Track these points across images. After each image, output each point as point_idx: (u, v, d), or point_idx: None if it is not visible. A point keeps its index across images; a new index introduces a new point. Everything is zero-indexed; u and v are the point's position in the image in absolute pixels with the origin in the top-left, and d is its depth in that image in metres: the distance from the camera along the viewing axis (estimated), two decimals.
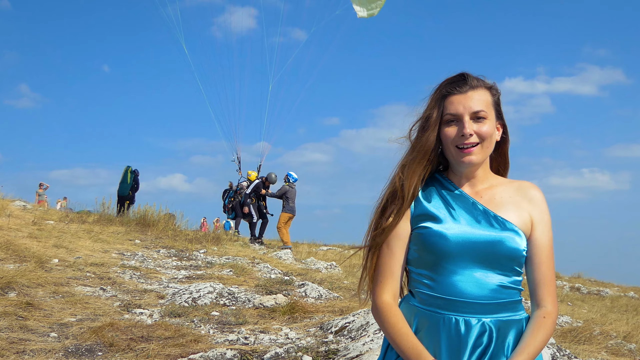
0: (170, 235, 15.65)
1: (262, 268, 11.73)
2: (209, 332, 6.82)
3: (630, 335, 8.60)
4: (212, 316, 7.48)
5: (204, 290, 8.39)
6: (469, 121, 2.32)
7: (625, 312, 15.31)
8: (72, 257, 10.54)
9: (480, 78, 2.41)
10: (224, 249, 14.94)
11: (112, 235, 13.98)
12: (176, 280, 9.97)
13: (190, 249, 13.73)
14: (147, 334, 6.41)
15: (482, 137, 2.32)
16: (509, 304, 2.30)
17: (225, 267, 11.32)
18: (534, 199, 2.42)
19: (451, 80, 2.39)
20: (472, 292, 2.25)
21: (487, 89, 2.40)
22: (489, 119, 2.34)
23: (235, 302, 8.32)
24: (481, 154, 2.35)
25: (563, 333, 8.22)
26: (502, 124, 2.47)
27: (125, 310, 7.52)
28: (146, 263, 11.17)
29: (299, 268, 13.22)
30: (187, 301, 8.04)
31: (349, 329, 6.73)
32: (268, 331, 6.95)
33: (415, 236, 2.35)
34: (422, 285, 2.34)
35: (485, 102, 2.36)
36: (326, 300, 8.98)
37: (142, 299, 8.25)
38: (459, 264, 2.26)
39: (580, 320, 9.56)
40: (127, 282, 9.22)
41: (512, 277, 2.30)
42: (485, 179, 2.44)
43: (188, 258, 12.51)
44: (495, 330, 2.25)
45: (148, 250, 12.82)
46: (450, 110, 2.34)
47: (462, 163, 2.35)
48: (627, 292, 23.54)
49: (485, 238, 2.27)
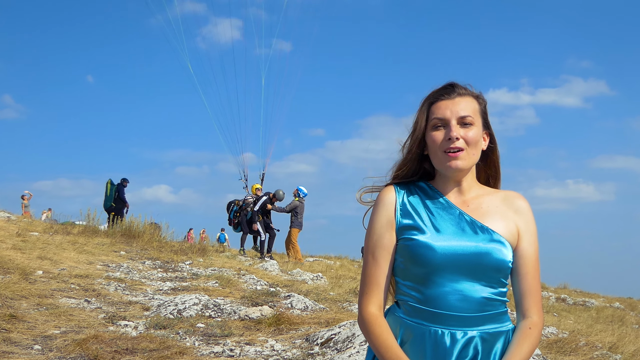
0: (156, 247, 15.58)
1: (248, 279, 11.69)
2: (194, 344, 6.78)
3: (616, 346, 8.60)
4: (197, 328, 7.44)
5: (189, 302, 8.34)
6: (455, 125, 2.32)
7: (610, 323, 15.35)
8: (57, 268, 10.47)
9: (467, 86, 2.42)
10: (209, 260, 14.89)
11: (97, 247, 13.92)
12: (161, 291, 9.92)
13: (176, 261, 13.68)
14: (131, 346, 6.37)
15: (468, 142, 2.32)
16: (495, 315, 2.29)
17: (210, 278, 11.27)
18: (520, 209, 2.42)
19: (439, 89, 2.41)
20: (457, 305, 2.24)
21: (474, 98, 2.41)
22: (475, 125, 2.35)
23: (221, 314, 8.28)
24: (467, 160, 2.34)
25: (549, 344, 8.22)
26: (489, 133, 2.47)
27: (109, 322, 7.47)
28: (131, 275, 11.11)
29: (285, 279, 13.19)
30: (172, 313, 8.00)
31: (335, 340, 6.71)
32: (254, 343, 6.92)
33: (401, 247, 2.34)
34: (408, 296, 2.33)
35: (472, 108, 2.37)
36: (312, 312, 8.96)
37: (127, 311, 8.20)
38: (445, 276, 2.25)
39: (566, 331, 9.57)
40: (111, 294, 9.16)
41: (498, 289, 2.30)
42: (471, 188, 2.44)
43: (173, 269, 12.46)
44: (481, 343, 2.25)
45: (133, 262, 12.76)
46: (437, 114, 2.35)
47: (449, 168, 2.33)
48: (613, 302, 23.64)
49: (472, 249, 2.26)
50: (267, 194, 21.36)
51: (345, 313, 8.94)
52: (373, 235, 2.41)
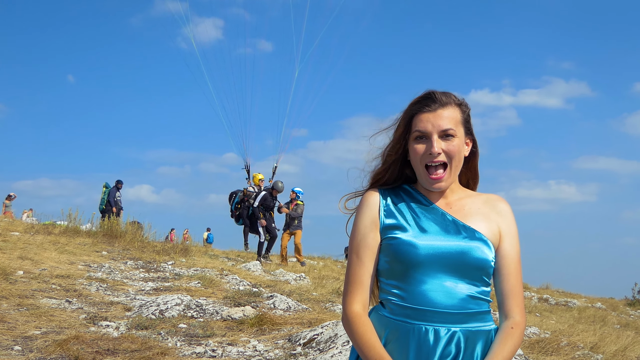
0: (138, 247, 15.51)
1: (231, 280, 11.66)
2: (176, 344, 6.75)
3: (597, 346, 8.65)
4: (179, 328, 7.41)
5: (171, 302, 8.31)
6: (437, 139, 2.34)
7: (592, 323, 15.44)
8: (38, 268, 10.40)
9: (449, 94, 2.42)
10: (192, 260, 14.84)
11: (78, 247, 13.84)
12: (143, 292, 9.87)
13: (158, 261, 13.62)
14: (113, 347, 6.34)
15: (450, 155, 2.35)
16: (478, 314, 2.32)
17: (193, 278, 11.23)
18: (502, 211, 2.45)
19: (419, 99, 2.42)
20: (441, 302, 2.27)
21: (457, 106, 2.42)
22: (457, 136, 2.37)
23: (203, 314, 8.25)
24: (450, 179, 2.40)
25: (531, 344, 8.26)
26: (472, 138, 2.50)
27: (91, 322, 7.42)
28: (113, 275, 11.05)
29: (267, 280, 13.16)
30: (154, 313, 7.96)
31: (318, 340, 6.71)
32: (236, 343, 6.90)
33: (385, 247, 2.37)
34: (392, 295, 2.35)
35: (454, 119, 2.38)
36: (295, 312, 8.95)
37: (108, 312, 8.15)
38: (429, 274, 2.28)
39: (548, 331, 9.62)
40: (93, 294, 9.11)
41: (481, 288, 2.34)
42: (454, 191, 2.49)
43: (156, 270, 12.41)
44: (464, 340, 2.27)
45: (115, 262, 12.69)
46: (419, 127, 2.37)
47: (432, 188, 2.40)
48: (595, 302, 23.79)
49: (455, 248, 2.29)
50: (266, 188, 20.12)
51: (328, 313, 8.94)
52: (357, 235, 2.43)
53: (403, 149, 2.46)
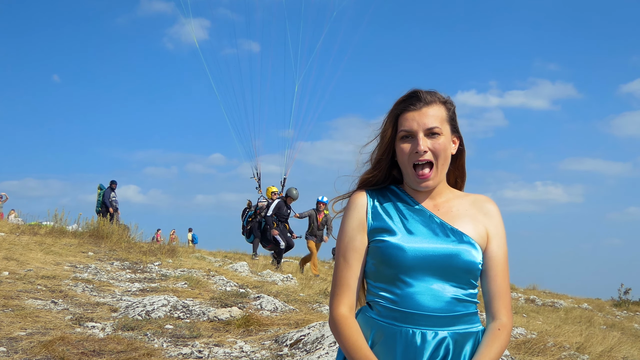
0: (124, 248, 15.45)
1: (218, 280, 11.63)
2: (162, 345, 6.73)
3: (584, 346, 8.68)
4: (165, 329, 7.39)
5: (157, 303, 8.28)
6: (423, 137, 2.34)
7: (579, 324, 15.51)
8: (23, 269, 10.35)
9: (433, 92, 2.43)
10: (179, 261, 14.80)
11: (64, 248, 13.77)
12: (130, 293, 9.83)
13: (145, 261, 13.57)
14: (99, 348, 6.31)
15: (436, 153, 2.35)
16: (465, 316, 2.32)
17: (180, 279, 11.20)
18: (490, 212, 2.46)
19: (404, 99, 2.42)
20: (428, 305, 2.27)
21: (442, 104, 2.42)
22: (443, 134, 2.37)
23: (190, 315, 8.23)
24: (437, 177, 2.40)
25: (517, 345, 8.27)
26: (458, 136, 2.50)
27: (76, 323, 7.38)
28: (99, 275, 11.00)
29: (254, 280, 13.14)
30: (140, 314, 7.93)
31: (304, 341, 6.70)
32: (222, 344, 6.89)
33: (372, 249, 2.37)
34: (379, 297, 2.35)
35: (440, 117, 2.38)
36: (282, 313, 8.93)
37: (94, 312, 8.12)
38: (416, 277, 2.28)
39: (534, 332, 9.64)
40: (79, 295, 9.07)
41: (468, 290, 2.34)
42: (442, 192, 2.49)
43: (142, 270, 12.36)
44: (452, 343, 2.27)
45: (101, 263, 12.64)
46: (405, 126, 2.37)
47: (419, 187, 2.40)
48: (581, 303, 23.90)
49: (442, 251, 2.29)
50: (280, 197, 19.23)
51: (315, 314, 8.93)
52: (344, 238, 2.43)
53: (390, 150, 2.45)
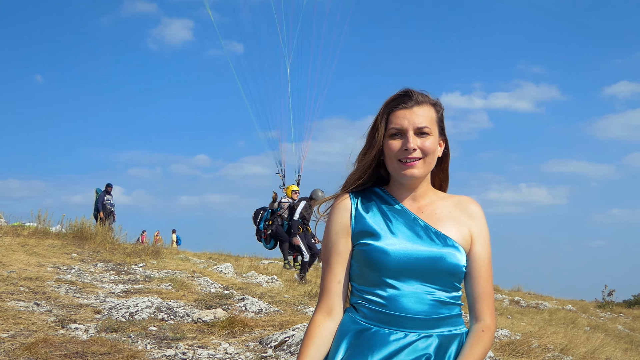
0: (108, 249, 15.37)
1: (202, 282, 11.60)
2: (146, 347, 6.70)
3: (567, 348, 8.72)
4: (149, 331, 7.35)
5: (141, 305, 8.24)
6: (413, 136, 2.36)
7: (563, 325, 15.59)
8: (5, 271, 10.27)
9: (425, 93, 2.44)
10: (163, 262, 14.74)
11: (47, 249, 13.69)
12: (113, 294, 9.79)
13: (129, 263, 13.51)
14: (82, 350, 6.27)
15: (425, 152, 2.37)
16: (449, 318, 2.34)
17: (164, 281, 11.16)
18: (474, 214, 2.46)
19: (396, 96, 2.43)
20: (412, 307, 2.28)
21: (432, 105, 2.44)
22: (432, 134, 2.39)
23: (174, 317, 8.20)
24: (423, 169, 2.39)
25: (501, 346, 8.29)
26: (445, 139, 2.51)
27: (59, 325, 7.34)
28: (83, 277, 10.94)
29: (239, 282, 13.12)
30: (124, 316, 7.89)
31: (289, 343, 6.69)
32: (207, 346, 6.87)
33: (357, 253, 2.38)
34: (364, 300, 2.37)
35: (430, 118, 2.40)
36: (266, 315, 8.92)
37: (77, 314, 8.07)
38: (400, 280, 2.29)
39: (518, 334, 9.66)
40: (62, 297, 9.02)
41: (452, 293, 2.36)
42: (426, 194, 2.49)
43: (126, 272, 12.31)
44: (437, 345, 2.28)
45: (85, 264, 12.57)
46: (395, 124, 2.38)
47: (404, 176, 2.38)
48: (565, 305, 24.01)
49: (426, 254, 2.30)
50: (304, 198, 17.09)
51: (299, 316, 8.92)
52: (328, 243, 2.45)
53: (380, 147, 2.45)
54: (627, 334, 18.07)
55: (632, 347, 13.58)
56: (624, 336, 16.95)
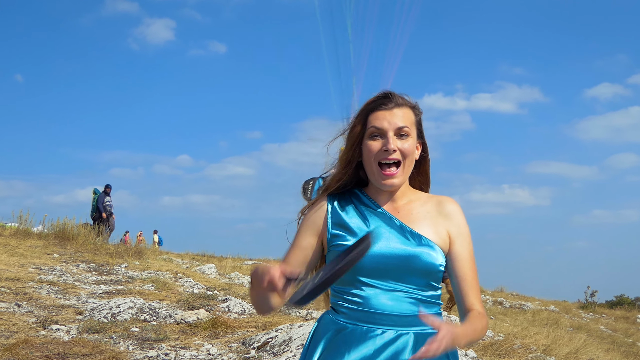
0: (91, 249, 15.31)
1: (185, 283, 11.58)
2: (128, 348, 6.66)
3: (550, 348, 8.75)
4: (131, 332, 7.32)
5: (124, 306, 8.20)
6: (393, 137, 2.35)
7: (545, 326, 15.65)
8: None
9: (404, 96, 2.46)
10: (146, 263, 14.70)
11: (29, 249, 13.61)
12: (95, 295, 9.74)
13: (111, 264, 13.46)
14: (63, 351, 6.24)
15: (404, 154, 2.37)
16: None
17: (146, 281, 11.12)
18: (451, 213, 2.47)
19: (376, 98, 2.44)
20: (389, 305, 2.29)
21: (411, 108, 2.45)
22: (411, 136, 2.39)
23: (156, 318, 8.16)
24: (402, 177, 2.40)
25: (484, 347, 8.31)
26: (422, 142, 2.52)
27: (41, 326, 7.29)
28: (64, 278, 10.89)
29: (222, 283, 13.09)
30: (106, 317, 7.85)
31: (272, 344, 6.68)
32: (189, 347, 6.84)
33: (333, 254, 2.38)
34: (343, 300, 2.36)
35: (409, 119, 2.40)
36: (249, 315, 8.90)
37: (59, 315, 8.03)
38: (376, 278, 2.30)
39: (501, 334, 9.70)
40: (44, 298, 8.96)
41: (429, 292, 2.36)
42: (404, 195, 2.50)
43: (108, 273, 12.26)
44: (413, 341, 2.28)
45: (67, 265, 12.51)
46: (375, 124, 2.38)
47: (384, 185, 2.39)
48: (548, 305, 24.16)
49: (401, 252, 2.30)
50: None
51: (282, 317, 8.91)
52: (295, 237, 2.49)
53: (359, 148, 2.45)
54: (610, 334, 18.20)
55: (614, 348, 13.67)
56: (606, 337, 17.07)
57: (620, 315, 26.22)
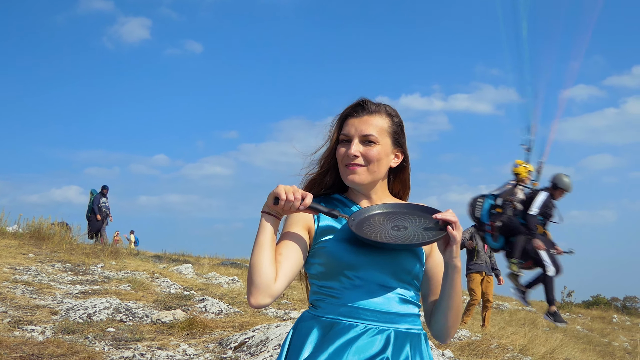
0: (66, 249, 15.18)
1: (162, 283, 11.51)
2: (103, 348, 6.61)
3: (527, 348, 8.80)
4: (107, 332, 7.26)
5: (99, 306, 8.14)
6: (357, 143, 2.41)
7: (522, 326, 15.76)
8: None
9: (381, 104, 2.51)
10: (122, 263, 14.60)
11: (4, 249, 13.48)
12: (71, 295, 9.66)
13: (87, 263, 13.36)
14: (38, 352, 6.18)
15: (368, 160, 2.41)
16: (409, 316, 2.37)
17: (123, 281, 11.05)
18: None
19: (351, 106, 2.50)
20: (372, 301, 2.31)
21: (387, 115, 2.49)
22: (379, 144, 2.43)
23: (133, 318, 8.11)
24: (365, 175, 2.43)
25: (462, 346, 8.34)
26: (402, 151, 2.55)
27: (15, 326, 7.22)
28: (40, 278, 10.79)
29: (199, 283, 13.04)
30: (81, 317, 7.79)
31: (249, 344, 6.65)
32: (166, 347, 6.80)
33: (318, 250, 2.39)
34: (326, 297, 2.37)
35: (379, 127, 2.45)
36: (226, 316, 8.87)
37: (34, 315, 7.95)
38: (362, 273, 2.31)
39: (478, 334, 9.74)
40: (18, 298, 8.87)
41: (411, 292, 2.40)
42: (382, 200, 2.54)
43: (84, 272, 12.17)
44: (393, 338, 2.30)
45: (42, 265, 12.40)
46: (344, 131, 2.46)
47: (347, 181, 2.45)
48: (525, 305, 24.24)
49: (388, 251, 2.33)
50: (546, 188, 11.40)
51: (259, 317, 8.88)
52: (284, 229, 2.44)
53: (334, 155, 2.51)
54: (586, 334, 18.33)
55: (590, 348, 13.77)
56: (582, 336, 17.19)
57: (596, 315, 26.43)
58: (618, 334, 20.05)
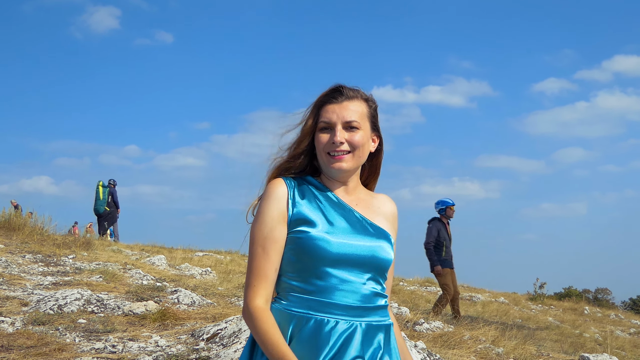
0: (37, 240, 15.04)
1: (134, 274, 11.43)
2: (74, 340, 6.55)
3: (499, 339, 8.85)
4: (78, 324, 7.19)
5: (70, 297, 8.06)
6: (341, 130, 2.39)
7: (495, 317, 15.84)
8: None
9: (356, 89, 2.50)
10: (94, 254, 14.49)
11: None
12: (42, 286, 9.57)
13: (59, 255, 13.24)
14: (7, 343, 6.11)
15: (353, 146, 2.40)
16: (379, 308, 2.38)
17: (94, 273, 10.96)
18: (394, 215, 2.60)
19: (327, 92, 2.48)
20: (346, 296, 2.30)
21: (364, 101, 2.48)
22: (361, 129, 2.42)
23: (104, 309, 8.04)
24: (351, 162, 2.42)
25: (434, 338, 8.37)
26: (378, 135, 2.55)
27: None
28: (10, 269, 10.67)
29: (172, 274, 12.98)
30: (52, 308, 7.71)
31: (221, 335, 6.62)
32: (137, 339, 6.75)
33: (292, 240, 2.36)
34: (296, 288, 2.35)
35: (360, 113, 2.44)
36: (199, 307, 8.83)
37: (3, 307, 7.85)
38: (337, 269, 2.30)
39: (451, 326, 9.78)
40: None
41: (382, 284, 2.43)
42: (357, 188, 2.55)
43: (55, 264, 12.05)
44: (363, 331, 2.30)
45: (12, 256, 12.27)
46: (324, 117, 2.42)
47: (332, 169, 2.42)
48: (498, 297, 24.47)
49: (365, 245, 2.34)
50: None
51: (232, 308, 8.85)
52: (264, 228, 2.38)
53: (310, 139, 2.48)
54: (557, 325, 18.47)
55: (562, 339, 13.87)
56: (554, 327, 17.31)
57: (568, 306, 26.66)
58: (589, 326, 20.24)
